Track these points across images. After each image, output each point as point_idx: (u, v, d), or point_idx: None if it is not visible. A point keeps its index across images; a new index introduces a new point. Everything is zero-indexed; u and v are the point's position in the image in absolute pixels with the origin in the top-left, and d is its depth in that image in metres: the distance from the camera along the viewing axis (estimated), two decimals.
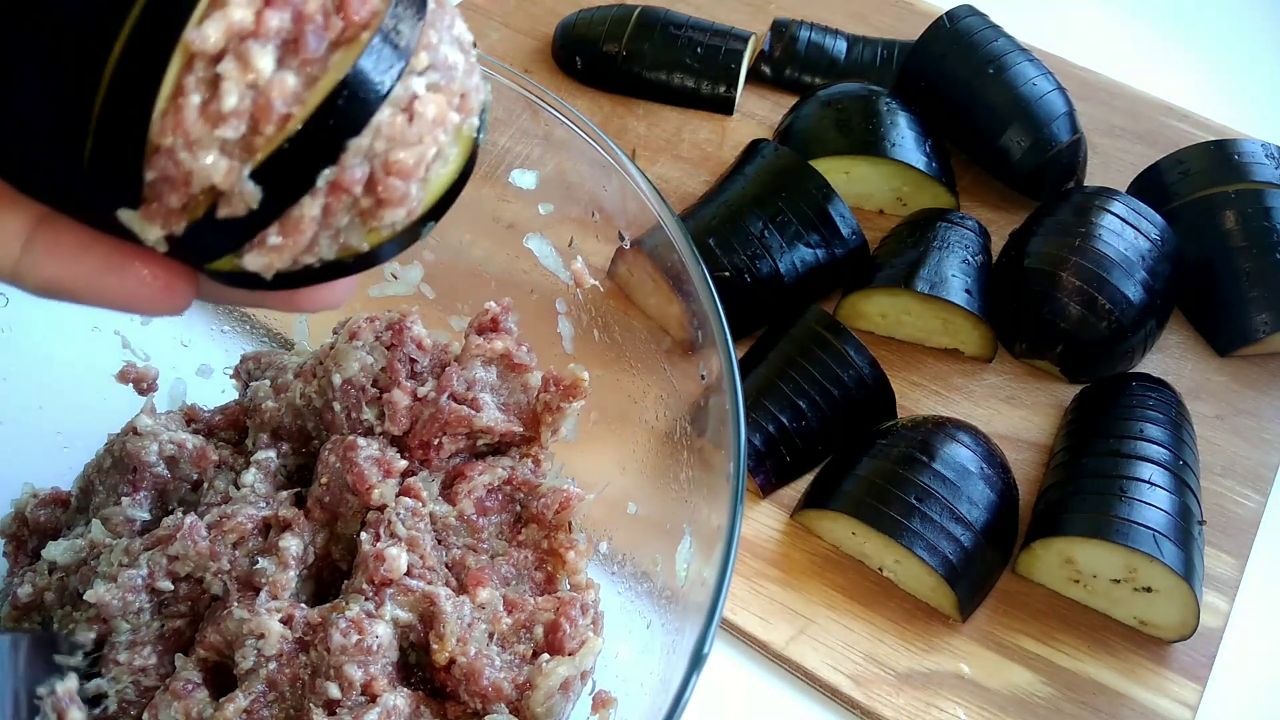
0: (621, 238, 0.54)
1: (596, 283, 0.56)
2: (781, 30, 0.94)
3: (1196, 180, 0.79)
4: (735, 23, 0.94)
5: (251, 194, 0.25)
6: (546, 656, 0.47)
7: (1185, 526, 0.61)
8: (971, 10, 0.87)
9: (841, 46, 0.93)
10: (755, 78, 0.94)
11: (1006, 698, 0.61)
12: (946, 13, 0.87)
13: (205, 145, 0.25)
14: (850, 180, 0.81)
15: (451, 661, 0.45)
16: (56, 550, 0.49)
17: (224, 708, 0.44)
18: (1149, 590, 0.61)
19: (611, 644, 0.51)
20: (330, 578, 0.51)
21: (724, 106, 0.90)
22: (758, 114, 0.91)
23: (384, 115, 0.26)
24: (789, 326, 0.71)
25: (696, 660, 0.38)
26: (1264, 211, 0.76)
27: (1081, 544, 0.61)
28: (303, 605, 0.47)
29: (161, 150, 0.25)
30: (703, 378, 0.48)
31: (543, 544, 0.52)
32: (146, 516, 0.51)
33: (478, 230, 0.59)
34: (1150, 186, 0.82)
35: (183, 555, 0.47)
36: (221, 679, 0.47)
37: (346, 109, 0.26)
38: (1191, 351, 0.78)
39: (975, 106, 0.83)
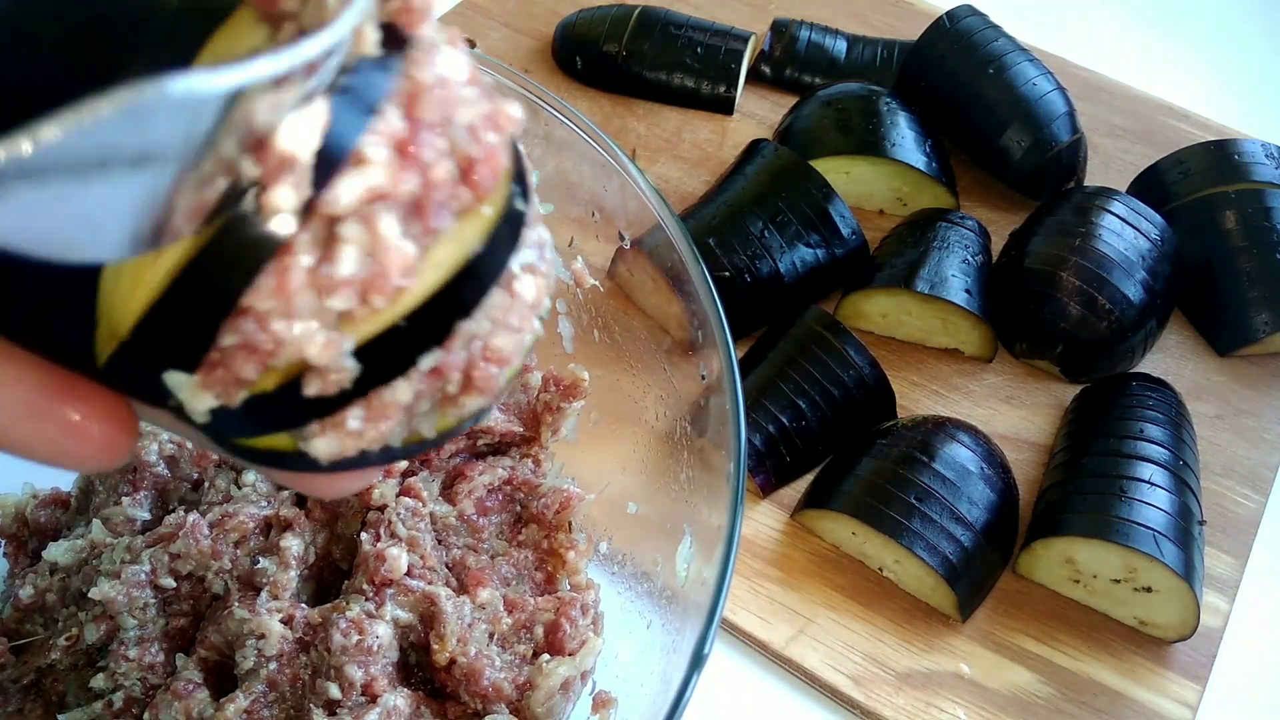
0: (621, 238, 0.54)
1: (596, 283, 0.56)
2: (781, 30, 0.94)
3: (1196, 180, 0.79)
4: (735, 23, 0.94)
5: (348, 372, 0.22)
6: (547, 657, 0.47)
7: (1185, 526, 0.61)
8: (971, 10, 0.87)
9: (841, 46, 0.93)
10: (755, 78, 0.94)
11: (1006, 698, 0.61)
12: (946, 13, 0.87)
13: (307, 315, 0.21)
14: (850, 180, 0.81)
15: (452, 662, 0.45)
16: (58, 551, 0.49)
17: (224, 708, 0.44)
18: (1149, 590, 0.61)
19: (612, 644, 0.51)
20: (331, 578, 0.51)
21: (724, 106, 0.90)
22: (758, 114, 0.91)
23: (494, 297, 0.24)
24: (789, 326, 0.71)
25: (697, 660, 0.38)
26: (1264, 211, 0.76)
27: (1081, 544, 0.61)
28: (303, 605, 0.47)
29: (252, 313, 0.20)
30: (703, 378, 0.48)
31: (543, 544, 0.52)
32: (147, 516, 0.51)
33: None
34: (1150, 186, 0.82)
35: (185, 553, 0.47)
36: (222, 679, 0.47)
37: (464, 289, 0.23)
38: (1191, 351, 0.78)
39: (975, 106, 0.83)
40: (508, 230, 0.24)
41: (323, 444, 0.23)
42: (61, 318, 0.21)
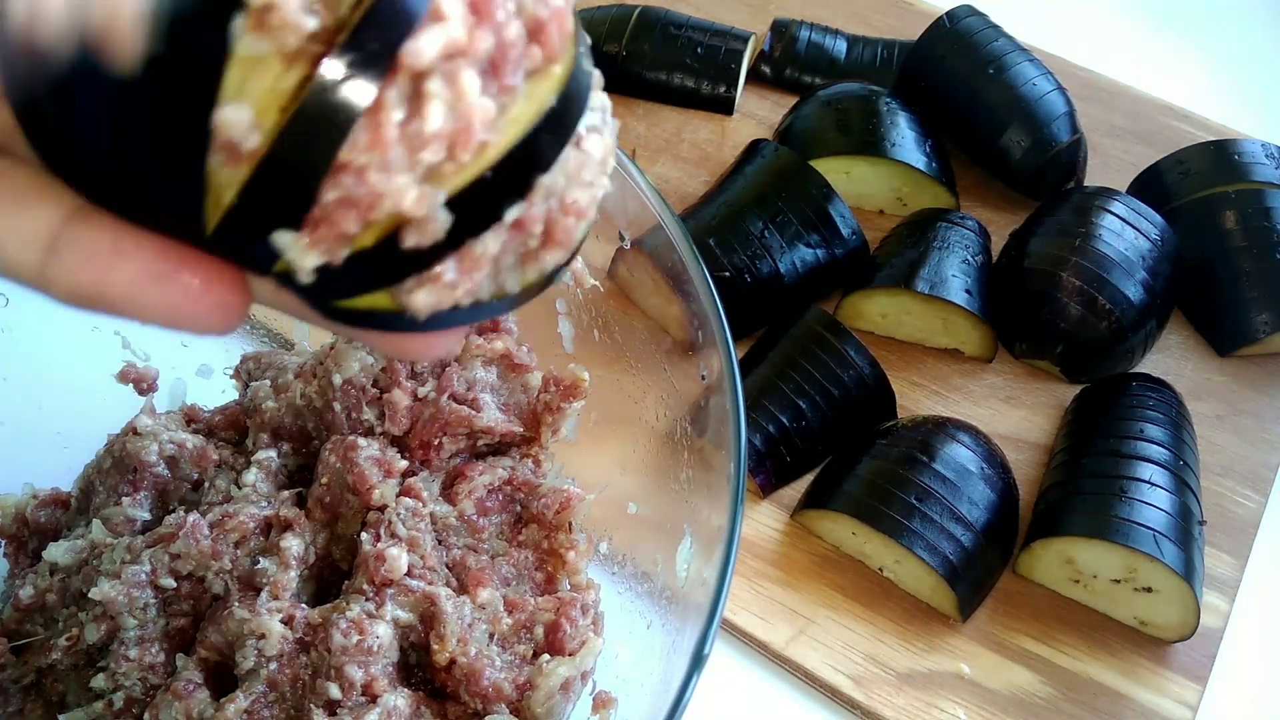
0: (621, 238, 0.54)
1: (596, 283, 0.56)
2: (781, 30, 0.94)
3: (1196, 180, 0.79)
4: (735, 23, 0.94)
5: (443, 223, 0.23)
6: (547, 657, 0.47)
7: (1185, 526, 0.61)
8: (971, 10, 0.87)
9: (841, 46, 0.93)
10: (755, 78, 0.94)
11: (1006, 698, 0.61)
12: (946, 13, 0.87)
13: (401, 168, 0.22)
14: (850, 180, 0.81)
15: (452, 662, 0.45)
16: (58, 551, 0.49)
17: (224, 708, 0.44)
18: (1149, 590, 0.61)
19: (612, 644, 0.51)
20: (331, 578, 0.51)
21: (724, 106, 0.90)
22: (758, 114, 0.91)
23: (568, 154, 0.25)
24: (789, 326, 0.71)
25: (697, 660, 0.38)
26: (1264, 211, 0.76)
27: (1082, 544, 0.61)
28: (303, 605, 0.47)
29: (350, 168, 0.22)
30: (703, 378, 0.48)
31: (543, 544, 0.52)
32: (147, 516, 0.51)
33: None
34: (1150, 186, 0.82)
35: (185, 554, 0.47)
36: (222, 679, 0.47)
37: (541, 144, 0.24)
38: (1191, 351, 0.78)
39: (975, 106, 0.83)
40: (576, 89, 0.25)
41: (421, 297, 0.24)
42: (171, 191, 0.22)
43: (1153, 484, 0.62)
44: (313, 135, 0.22)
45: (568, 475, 0.57)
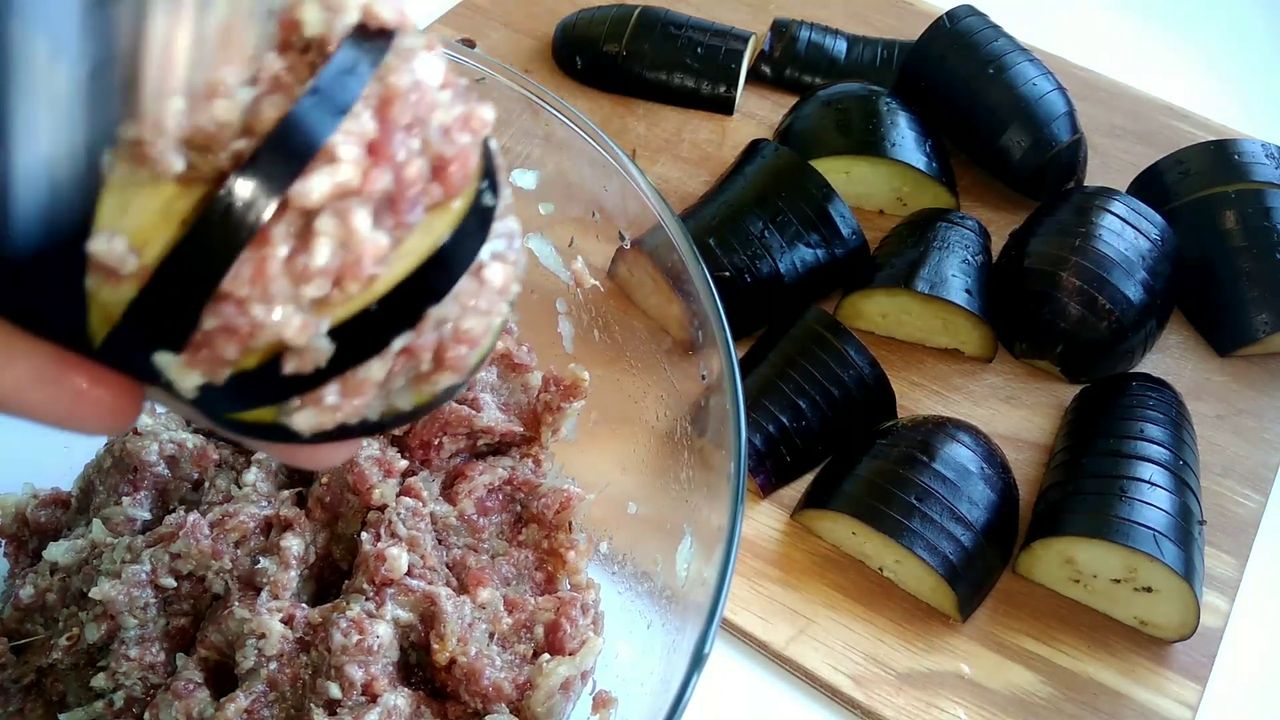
0: (622, 238, 0.54)
1: (597, 283, 0.56)
2: (781, 30, 0.94)
3: (1196, 180, 0.79)
4: (735, 23, 0.94)
5: (323, 352, 0.24)
6: (547, 656, 0.47)
7: (1185, 526, 0.61)
8: (971, 10, 0.87)
9: (841, 46, 0.93)
10: (755, 78, 0.94)
11: (1007, 698, 0.61)
12: (946, 13, 0.87)
13: (283, 300, 0.23)
14: (850, 180, 0.81)
15: (452, 661, 0.45)
16: (58, 551, 0.49)
17: (225, 708, 0.44)
18: (1149, 590, 0.61)
19: (612, 644, 0.51)
20: (331, 578, 0.51)
21: (724, 106, 0.90)
22: (758, 114, 0.91)
23: (464, 283, 0.25)
24: (789, 326, 0.71)
25: (697, 660, 0.38)
26: (1264, 211, 0.76)
27: (1082, 544, 0.61)
28: (303, 605, 0.47)
29: (232, 298, 0.22)
30: (703, 378, 0.48)
31: (543, 544, 0.52)
32: (147, 516, 0.51)
33: None
34: (1150, 186, 0.82)
35: (185, 553, 0.47)
36: (222, 679, 0.47)
37: (434, 276, 0.25)
38: (1191, 351, 0.78)
39: (975, 106, 0.83)
40: (476, 223, 0.26)
41: (303, 417, 0.25)
42: (56, 304, 0.23)
43: (1153, 484, 0.62)
44: (196, 264, 0.22)
45: (568, 475, 0.57)
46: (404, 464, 0.50)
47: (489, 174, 0.26)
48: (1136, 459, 0.63)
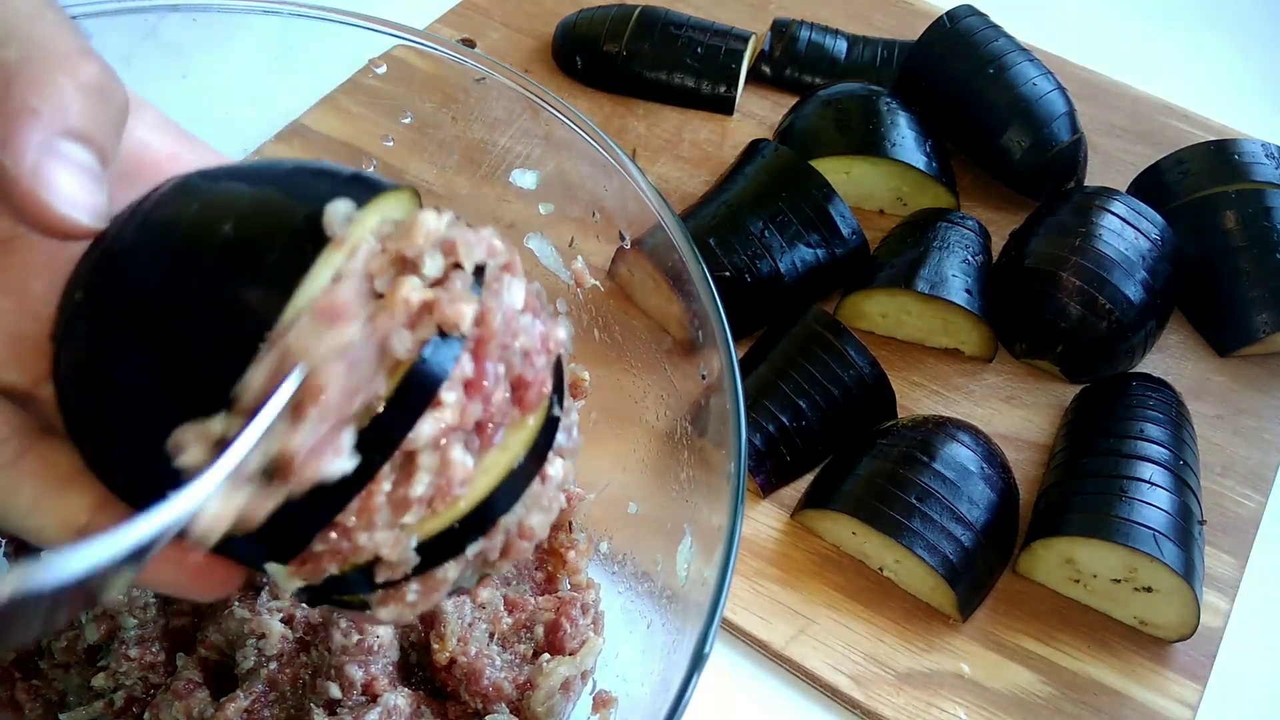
0: (622, 238, 0.54)
1: (597, 282, 0.56)
2: (781, 30, 0.94)
3: (1196, 180, 0.79)
4: (735, 23, 0.94)
5: (411, 563, 0.26)
6: (547, 656, 0.47)
7: (1185, 526, 0.61)
8: (971, 10, 0.87)
9: (841, 46, 0.93)
10: (755, 78, 0.94)
11: (1007, 698, 0.61)
12: (946, 13, 0.87)
13: (384, 526, 0.25)
14: (850, 180, 0.81)
15: (452, 661, 0.45)
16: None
17: (225, 707, 0.44)
18: (1149, 590, 0.61)
19: (612, 644, 0.51)
20: None
21: (724, 106, 0.90)
22: (758, 114, 0.91)
23: (532, 486, 0.28)
24: (789, 326, 0.71)
25: (697, 660, 0.38)
26: (1264, 211, 0.76)
27: (1082, 544, 0.61)
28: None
29: (340, 527, 0.25)
30: (703, 377, 0.48)
31: (543, 544, 0.52)
32: None
33: None
34: (1150, 186, 0.82)
35: None
36: (222, 678, 0.47)
37: (509, 491, 0.27)
38: (1191, 351, 0.78)
39: (975, 106, 0.83)
40: (546, 436, 0.28)
41: (385, 611, 0.28)
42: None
43: (1153, 484, 0.62)
44: (317, 501, 0.25)
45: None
46: None
47: (558, 386, 0.29)
48: (1136, 459, 0.63)
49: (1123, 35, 1.06)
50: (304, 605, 0.47)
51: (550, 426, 0.29)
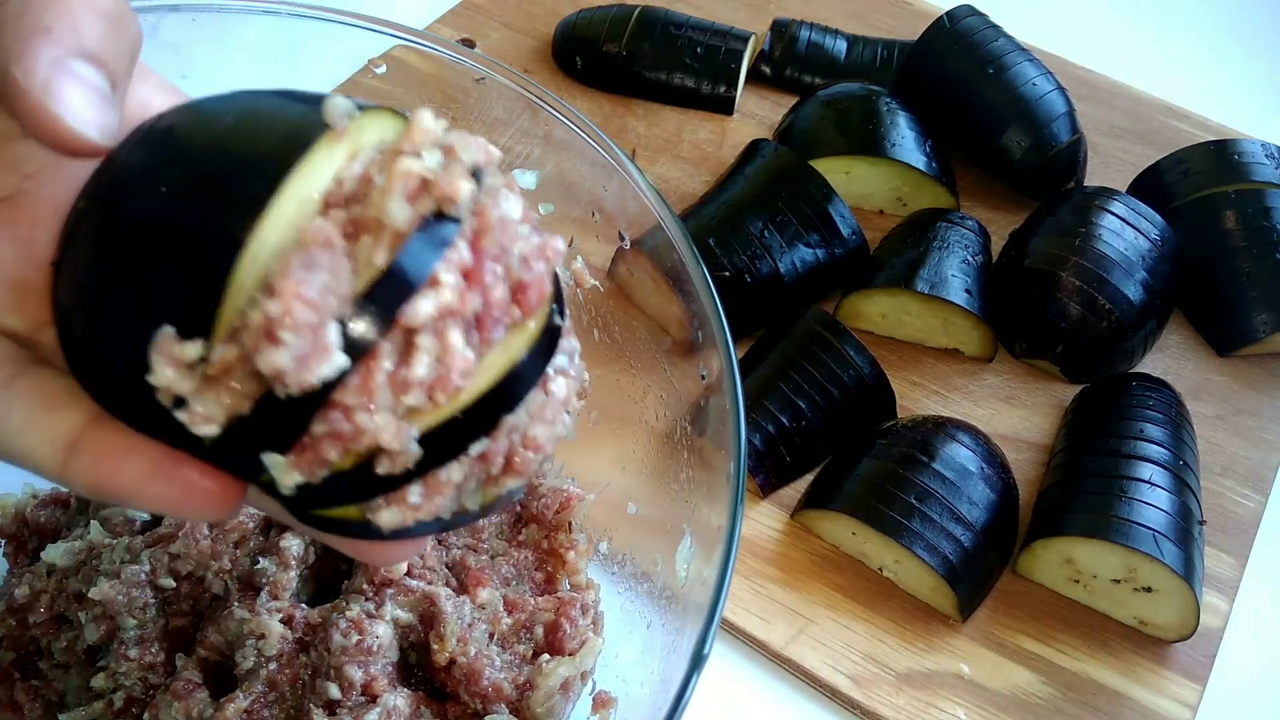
0: (621, 238, 0.54)
1: (596, 283, 0.56)
2: (781, 30, 0.94)
3: (1196, 180, 0.79)
4: (735, 23, 0.94)
5: (412, 456, 0.26)
6: (547, 657, 0.47)
7: (1185, 526, 0.61)
8: (971, 10, 0.87)
9: (841, 46, 0.93)
10: (755, 78, 0.94)
11: (1006, 698, 0.61)
12: (946, 13, 0.87)
13: (384, 408, 0.25)
14: (850, 180, 0.81)
15: (452, 662, 0.45)
16: (56, 553, 0.49)
17: (224, 708, 0.44)
18: (1149, 590, 0.61)
19: (612, 644, 0.51)
20: (330, 578, 0.51)
21: (724, 106, 0.90)
22: (758, 114, 0.91)
23: (534, 394, 0.29)
24: (789, 326, 0.71)
25: (697, 660, 0.38)
26: (1264, 211, 0.76)
27: (1081, 544, 0.61)
28: (303, 605, 0.47)
29: (339, 406, 0.25)
30: (703, 378, 0.48)
31: (543, 544, 0.52)
32: (146, 517, 0.51)
33: None
34: (1150, 186, 0.82)
35: (184, 553, 0.47)
36: (222, 679, 0.47)
37: (510, 388, 0.28)
38: (1191, 351, 0.78)
39: (975, 106, 0.83)
40: (546, 341, 0.29)
41: (387, 515, 0.27)
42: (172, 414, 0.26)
43: (1152, 484, 0.62)
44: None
45: (567, 475, 0.57)
46: None
47: (558, 298, 0.30)
48: (1136, 459, 0.63)
49: (1123, 35, 1.06)
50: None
51: (551, 334, 0.29)
